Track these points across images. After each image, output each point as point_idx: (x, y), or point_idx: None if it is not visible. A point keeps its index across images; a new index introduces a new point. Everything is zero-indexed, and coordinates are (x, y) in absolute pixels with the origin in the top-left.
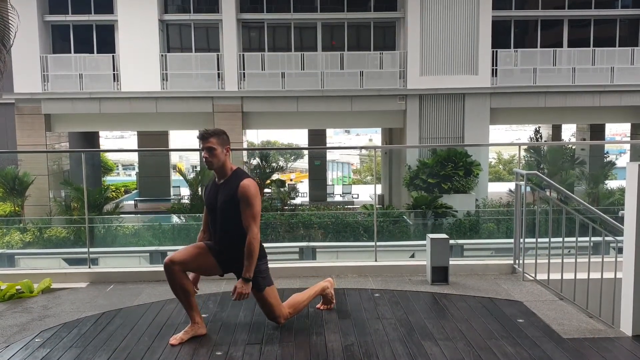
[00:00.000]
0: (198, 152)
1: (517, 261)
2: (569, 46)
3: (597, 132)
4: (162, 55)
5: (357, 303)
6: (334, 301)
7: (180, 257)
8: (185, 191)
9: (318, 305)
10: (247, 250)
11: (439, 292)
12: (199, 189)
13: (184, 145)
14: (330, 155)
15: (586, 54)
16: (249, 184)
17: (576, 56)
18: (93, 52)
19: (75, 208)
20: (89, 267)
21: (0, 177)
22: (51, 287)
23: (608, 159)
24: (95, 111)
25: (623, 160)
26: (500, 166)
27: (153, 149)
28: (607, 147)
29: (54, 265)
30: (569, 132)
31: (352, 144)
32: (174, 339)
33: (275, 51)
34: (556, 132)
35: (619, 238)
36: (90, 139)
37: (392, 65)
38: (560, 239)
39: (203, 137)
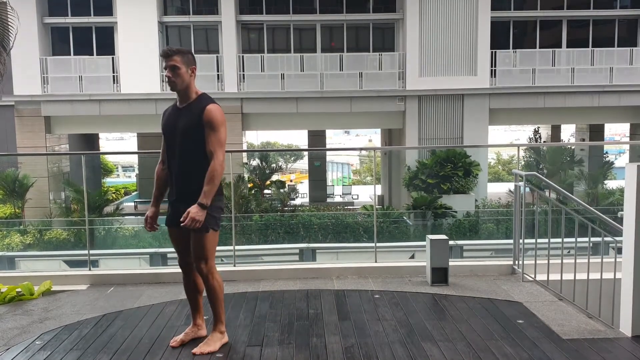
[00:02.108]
0: None
1: (516, 262)
2: (567, 46)
3: (596, 132)
4: (161, 56)
5: (357, 304)
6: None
7: (185, 253)
8: None
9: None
10: (210, 175)
11: (439, 293)
12: None
13: None
14: (330, 156)
15: (585, 54)
16: (215, 108)
17: (575, 56)
18: (93, 54)
19: (75, 210)
20: (89, 269)
21: (1, 180)
22: (51, 289)
23: (607, 159)
24: (95, 113)
25: (622, 161)
26: (500, 167)
27: (153, 150)
28: (606, 147)
29: (54, 268)
30: (568, 132)
31: (351, 145)
32: (174, 342)
33: (275, 52)
34: (555, 132)
35: (618, 238)
36: (90, 141)
37: (391, 66)
38: (559, 240)
39: (166, 55)
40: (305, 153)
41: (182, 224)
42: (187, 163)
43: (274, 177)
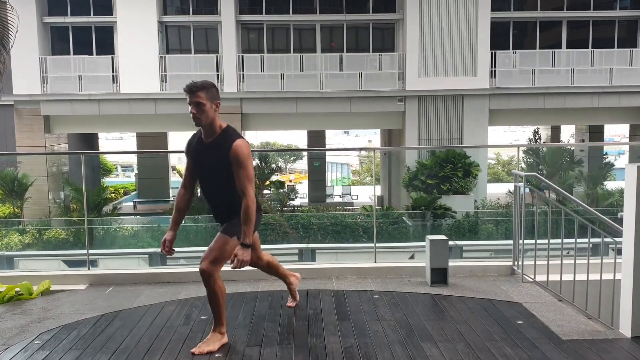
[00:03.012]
0: None
1: (516, 262)
2: (567, 47)
3: (596, 133)
4: (161, 56)
5: (357, 304)
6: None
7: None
8: None
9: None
10: (245, 215)
11: (438, 294)
12: (198, 190)
13: (183, 147)
14: (330, 156)
15: (585, 55)
16: (241, 144)
17: (575, 57)
18: (92, 54)
19: (74, 210)
20: (88, 269)
21: (0, 179)
22: (50, 289)
23: (607, 160)
24: (95, 113)
25: (622, 161)
26: (499, 167)
27: (152, 150)
28: (606, 148)
29: (53, 267)
30: (567, 133)
31: (351, 145)
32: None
33: (275, 52)
34: (555, 133)
35: (617, 239)
36: (90, 141)
37: (391, 67)
38: (559, 240)
39: (190, 91)
40: (305, 153)
41: (231, 267)
42: (221, 194)
43: (274, 178)
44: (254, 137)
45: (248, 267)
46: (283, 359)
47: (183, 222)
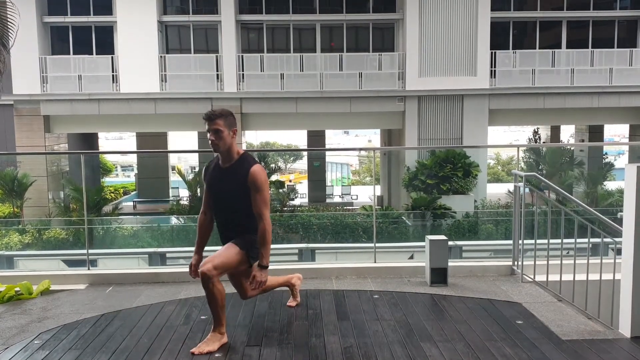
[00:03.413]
0: (197, 154)
1: (515, 262)
2: (567, 47)
3: (596, 133)
4: (161, 56)
5: (356, 304)
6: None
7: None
8: (184, 192)
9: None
10: (261, 237)
11: (438, 294)
12: (198, 190)
13: (183, 147)
14: (329, 156)
15: (585, 55)
16: (259, 170)
17: (575, 57)
18: (92, 54)
19: (74, 209)
20: (88, 269)
21: (0, 179)
22: (50, 288)
23: (607, 160)
24: (94, 112)
25: (622, 162)
26: (499, 167)
27: (152, 150)
28: (605, 148)
29: (53, 267)
30: (567, 133)
31: (351, 145)
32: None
33: (274, 52)
34: (555, 133)
35: (617, 239)
36: (89, 140)
37: (391, 67)
38: (559, 241)
39: (209, 119)
40: (305, 153)
41: (250, 288)
42: (234, 218)
43: (273, 177)
44: (254, 137)
45: None
46: (283, 359)
47: (183, 221)
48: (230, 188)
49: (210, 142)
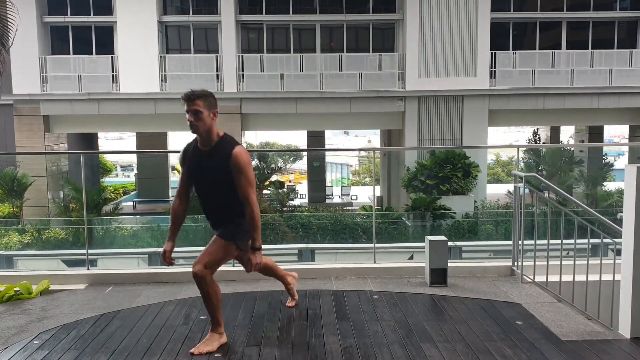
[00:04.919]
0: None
1: (515, 263)
2: (567, 48)
3: (596, 133)
4: (161, 56)
5: (356, 305)
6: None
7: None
8: None
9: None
10: (250, 221)
11: (438, 294)
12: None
13: (183, 147)
14: (329, 157)
15: (584, 55)
16: (241, 151)
17: (574, 58)
18: (92, 54)
19: (74, 209)
20: (88, 269)
21: None
22: (50, 288)
23: (606, 161)
24: (94, 112)
25: (621, 162)
26: (499, 168)
27: (152, 150)
28: (605, 148)
29: (53, 267)
30: (567, 133)
31: (350, 146)
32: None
33: (274, 52)
34: (555, 133)
35: (617, 240)
36: (89, 140)
37: (391, 67)
38: (558, 241)
39: (188, 99)
40: (305, 153)
41: (247, 271)
42: (219, 201)
43: (273, 178)
44: (254, 137)
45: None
46: (282, 359)
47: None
48: (212, 172)
49: (189, 123)
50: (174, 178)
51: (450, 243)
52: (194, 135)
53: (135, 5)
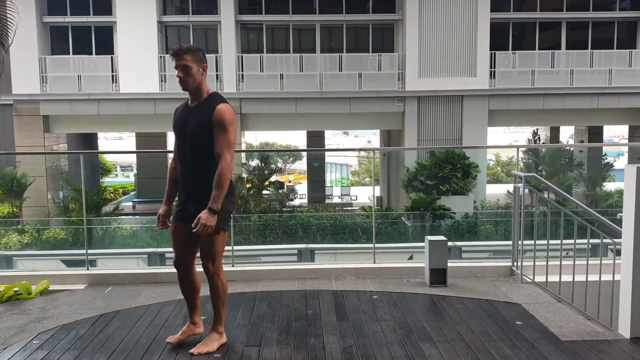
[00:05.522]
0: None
1: (515, 263)
2: (567, 48)
3: (595, 134)
4: (160, 56)
5: (356, 305)
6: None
7: (184, 252)
8: None
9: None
10: (217, 179)
11: (437, 294)
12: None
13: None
14: (329, 157)
15: (584, 56)
16: (225, 108)
17: (574, 58)
18: (92, 54)
19: (73, 209)
20: (87, 269)
21: None
22: (49, 288)
23: (606, 161)
24: (94, 112)
25: (621, 162)
26: (499, 168)
27: (152, 150)
28: (605, 149)
29: (52, 267)
30: (567, 134)
31: (350, 146)
32: (172, 338)
33: (274, 52)
34: (554, 134)
35: (617, 240)
36: (89, 141)
37: (391, 67)
38: (558, 241)
39: (177, 54)
40: (304, 154)
41: (193, 231)
42: (197, 164)
43: (273, 178)
44: (254, 138)
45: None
46: (282, 359)
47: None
48: (194, 128)
49: (178, 79)
50: None
51: (449, 243)
52: None
53: (135, 5)
